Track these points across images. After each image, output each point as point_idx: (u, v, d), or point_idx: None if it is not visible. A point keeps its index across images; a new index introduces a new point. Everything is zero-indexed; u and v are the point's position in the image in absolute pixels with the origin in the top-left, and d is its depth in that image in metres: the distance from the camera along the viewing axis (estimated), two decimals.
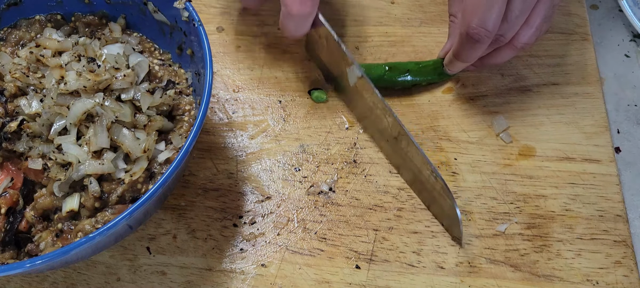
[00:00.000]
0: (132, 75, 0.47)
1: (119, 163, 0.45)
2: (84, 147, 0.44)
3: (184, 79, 0.52)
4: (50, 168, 0.44)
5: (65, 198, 0.44)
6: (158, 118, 0.47)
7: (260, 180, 0.54)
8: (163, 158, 0.46)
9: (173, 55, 0.54)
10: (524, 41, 0.52)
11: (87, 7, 0.54)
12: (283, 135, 0.57)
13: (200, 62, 0.48)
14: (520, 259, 0.50)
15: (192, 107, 0.50)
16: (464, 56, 0.52)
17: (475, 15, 0.49)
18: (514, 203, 0.52)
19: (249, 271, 0.50)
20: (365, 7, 0.65)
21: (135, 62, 0.49)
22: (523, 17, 0.50)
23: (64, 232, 0.44)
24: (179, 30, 0.52)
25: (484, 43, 0.50)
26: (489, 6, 0.48)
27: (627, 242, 0.50)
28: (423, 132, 0.56)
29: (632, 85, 0.61)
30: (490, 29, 0.49)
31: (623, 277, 0.49)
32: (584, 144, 0.55)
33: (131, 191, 0.45)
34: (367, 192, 0.53)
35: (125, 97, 0.46)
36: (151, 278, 0.50)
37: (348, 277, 0.49)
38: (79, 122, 0.44)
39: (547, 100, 0.58)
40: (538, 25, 0.51)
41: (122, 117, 0.45)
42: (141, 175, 0.45)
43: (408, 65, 0.58)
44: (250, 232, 0.52)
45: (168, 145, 0.47)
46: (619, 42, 0.64)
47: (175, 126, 0.49)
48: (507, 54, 0.54)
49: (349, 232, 0.51)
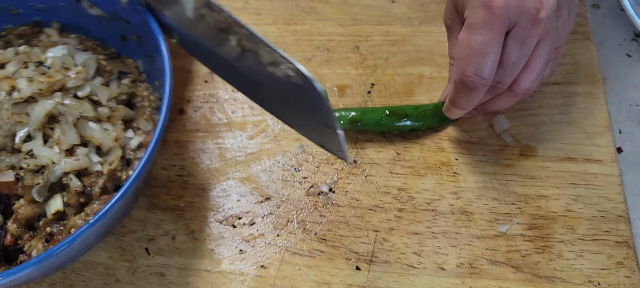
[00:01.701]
0: (84, 71, 0.47)
1: (93, 157, 0.45)
2: (54, 148, 0.44)
3: (134, 68, 0.52)
4: (24, 177, 0.44)
5: (48, 202, 0.44)
6: (120, 107, 0.48)
7: (259, 181, 0.54)
8: (135, 144, 0.47)
9: (117, 47, 0.54)
10: (526, 87, 0.49)
11: (17, 18, 0.53)
12: (282, 136, 0.56)
13: (150, 44, 0.48)
14: (522, 260, 0.49)
15: (149, 92, 0.51)
16: (460, 104, 0.50)
17: (469, 63, 0.46)
18: (515, 203, 0.52)
19: (249, 272, 0.49)
20: (365, 6, 0.65)
21: (82, 60, 0.48)
22: (521, 62, 0.47)
23: (54, 235, 0.44)
24: (119, 19, 0.51)
25: (479, 91, 0.48)
26: (483, 52, 0.45)
27: (629, 242, 0.50)
28: (423, 131, 0.56)
29: (634, 85, 0.60)
30: (485, 76, 0.46)
31: (625, 278, 0.49)
32: (586, 144, 0.55)
33: (112, 180, 0.45)
34: (367, 192, 0.53)
35: (82, 94, 0.47)
36: (150, 279, 0.49)
37: (348, 278, 0.49)
38: (42, 125, 0.44)
39: (549, 100, 0.58)
40: (540, 70, 0.49)
41: (85, 112, 0.46)
42: (118, 163, 0.45)
43: (407, 110, 0.55)
44: (250, 233, 0.51)
45: (136, 131, 0.48)
46: (620, 41, 0.63)
47: (137, 113, 0.49)
48: (508, 100, 0.51)
49: (349, 233, 0.51)
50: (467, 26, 0.47)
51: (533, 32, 0.45)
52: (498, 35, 0.45)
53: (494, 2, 0.44)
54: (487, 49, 0.45)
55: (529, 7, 0.45)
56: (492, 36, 0.45)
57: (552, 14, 0.45)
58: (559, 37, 0.48)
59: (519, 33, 0.46)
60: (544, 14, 0.45)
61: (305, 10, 0.64)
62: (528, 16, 0.45)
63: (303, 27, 0.63)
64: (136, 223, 0.52)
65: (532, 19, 0.45)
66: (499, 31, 0.45)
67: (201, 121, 0.57)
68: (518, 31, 0.45)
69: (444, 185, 0.53)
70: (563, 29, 0.48)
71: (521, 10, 0.45)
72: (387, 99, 0.58)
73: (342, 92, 0.59)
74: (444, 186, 0.53)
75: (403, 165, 0.54)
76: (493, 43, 0.45)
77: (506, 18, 0.45)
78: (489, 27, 0.45)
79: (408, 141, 0.56)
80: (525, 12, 0.45)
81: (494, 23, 0.45)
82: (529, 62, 0.48)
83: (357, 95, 0.59)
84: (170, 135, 0.56)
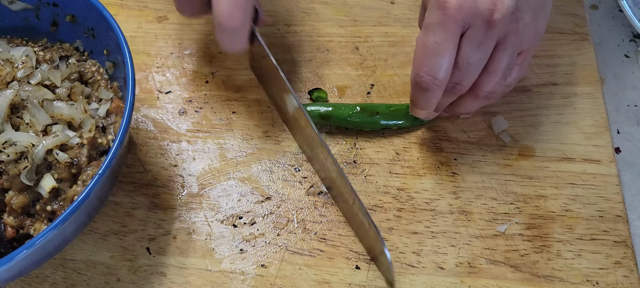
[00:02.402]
0: (29, 60, 0.48)
1: (68, 133, 0.45)
2: (29, 132, 0.45)
3: (73, 50, 0.53)
4: (7, 168, 0.44)
5: (39, 184, 0.44)
6: (77, 83, 0.49)
7: (260, 181, 0.54)
8: (103, 111, 0.48)
9: (48, 37, 0.54)
10: (487, 90, 0.48)
11: None
12: (283, 136, 0.57)
13: (89, 17, 0.48)
14: (520, 260, 0.50)
15: (97, 67, 0.51)
16: (418, 104, 0.49)
17: (423, 63, 0.46)
18: (514, 203, 0.52)
19: (249, 271, 0.50)
20: (365, 7, 0.65)
21: (21, 52, 0.49)
22: (479, 65, 0.47)
23: (56, 212, 0.44)
24: (46, 5, 0.51)
25: (434, 91, 0.47)
26: (436, 53, 0.45)
27: (627, 242, 0.50)
28: (422, 132, 0.56)
29: (632, 86, 0.61)
30: (439, 77, 0.46)
31: (623, 278, 0.49)
32: (584, 144, 0.55)
33: (95, 148, 0.46)
34: (367, 192, 0.53)
35: (34, 81, 0.47)
36: (151, 278, 0.49)
37: (348, 278, 0.49)
38: (7, 117, 0.45)
39: (547, 101, 0.58)
40: (502, 73, 0.48)
41: (45, 96, 0.46)
42: (95, 131, 0.46)
43: (379, 108, 0.56)
44: (250, 233, 0.52)
45: (99, 102, 0.49)
46: (618, 42, 0.64)
47: (92, 88, 0.50)
48: (471, 103, 0.51)
49: (348, 233, 0.51)
50: (423, 27, 0.47)
51: (488, 33, 0.45)
52: (452, 35, 0.45)
53: (448, 3, 0.44)
54: (440, 50, 0.45)
55: (483, 8, 0.44)
56: (446, 37, 0.45)
57: (508, 16, 0.45)
58: (521, 40, 0.47)
59: (473, 35, 0.45)
60: (498, 15, 0.44)
61: (305, 11, 0.65)
62: (482, 18, 0.44)
63: (303, 28, 0.63)
64: (137, 222, 0.52)
65: (486, 20, 0.44)
66: (452, 32, 0.45)
67: (202, 121, 0.57)
68: (473, 33, 0.45)
69: (443, 185, 0.53)
70: (526, 31, 0.47)
71: (475, 12, 0.44)
72: (386, 99, 0.59)
73: (342, 92, 0.59)
74: (443, 186, 0.53)
75: (402, 165, 0.55)
76: (446, 44, 0.45)
77: (460, 19, 0.44)
78: (443, 27, 0.45)
79: (407, 141, 0.56)
80: (479, 14, 0.44)
81: (448, 24, 0.45)
82: (489, 64, 0.47)
83: (356, 95, 0.59)
84: (170, 135, 0.57)
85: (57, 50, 0.52)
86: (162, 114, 0.58)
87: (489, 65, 0.47)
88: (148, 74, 0.60)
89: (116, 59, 0.50)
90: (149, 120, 0.58)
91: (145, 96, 0.59)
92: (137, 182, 0.54)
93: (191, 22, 0.63)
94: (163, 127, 0.57)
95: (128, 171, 0.55)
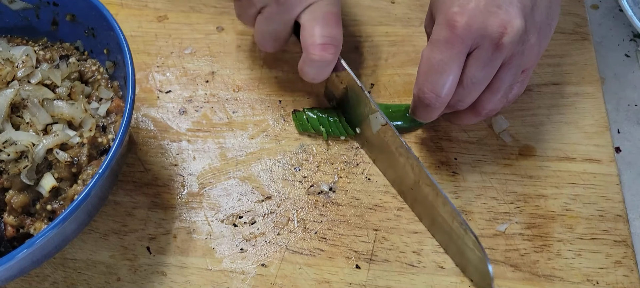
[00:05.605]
0: (29, 59, 0.47)
1: (68, 132, 0.45)
2: (29, 131, 0.45)
3: (73, 49, 0.53)
4: (7, 167, 0.44)
5: (40, 183, 0.44)
6: (77, 83, 0.48)
7: (260, 180, 0.54)
8: (103, 110, 0.48)
9: (49, 36, 0.54)
10: (489, 108, 0.48)
11: None
12: (283, 135, 0.57)
13: (90, 17, 0.48)
14: (521, 259, 0.50)
15: (97, 67, 0.51)
16: (420, 116, 0.49)
17: (427, 79, 0.46)
18: (514, 203, 0.52)
19: (249, 271, 0.50)
20: (365, 6, 0.65)
21: (22, 52, 0.49)
22: (483, 83, 0.46)
23: (56, 211, 0.44)
24: (46, 4, 0.51)
25: (436, 108, 0.47)
26: (441, 71, 0.45)
27: (627, 242, 0.50)
28: (423, 131, 0.56)
29: (633, 85, 0.61)
30: (442, 95, 0.46)
31: (623, 277, 0.49)
32: (584, 143, 0.55)
33: (95, 147, 0.46)
34: (368, 191, 0.53)
35: (35, 81, 0.47)
36: (151, 278, 0.50)
37: (348, 277, 0.49)
38: (7, 116, 0.44)
39: (547, 100, 0.58)
40: (504, 92, 0.48)
41: (46, 95, 0.46)
42: (95, 130, 0.46)
43: None
44: (251, 232, 0.52)
45: (100, 101, 0.49)
46: (619, 41, 0.64)
47: (93, 87, 0.50)
48: (470, 118, 0.51)
49: (349, 232, 0.51)
50: (430, 42, 0.46)
51: (495, 55, 0.44)
52: (458, 55, 0.44)
53: (456, 22, 0.44)
54: (445, 68, 0.45)
55: (492, 30, 0.43)
56: (452, 56, 0.44)
57: (517, 39, 0.44)
58: (526, 60, 0.47)
59: (481, 55, 0.45)
60: (508, 39, 0.43)
61: None
62: (490, 39, 0.44)
63: None
64: (138, 222, 0.52)
65: (495, 42, 0.44)
66: (459, 51, 0.44)
67: (202, 120, 0.57)
68: (480, 53, 0.45)
69: (443, 185, 0.53)
70: (531, 52, 0.47)
71: (484, 33, 0.44)
72: (386, 99, 0.59)
73: None
74: (443, 185, 0.53)
75: None
76: (452, 63, 0.45)
77: (468, 39, 0.44)
78: (449, 46, 0.44)
79: (407, 141, 0.56)
80: (488, 36, 0.44)
81: (455, 43, 0.44)
82: (493, 84, 0.47)
83: None
84: (171, 134, 0.57)
85: (57, 49, 0.52)
86: (162, 113, 0.58)
87: (492, 83, 0.47)
88: (148, 73, 0.60)
89: (116, 58, 0.50)
90: (149, 119, 0.58)
91: (146, 95, 0.59)
92: (138, 181, 0.54)
93: (191, 22, 0.63)
94: (163, 127, 0.57)
95: (128, 170, 0.55)
